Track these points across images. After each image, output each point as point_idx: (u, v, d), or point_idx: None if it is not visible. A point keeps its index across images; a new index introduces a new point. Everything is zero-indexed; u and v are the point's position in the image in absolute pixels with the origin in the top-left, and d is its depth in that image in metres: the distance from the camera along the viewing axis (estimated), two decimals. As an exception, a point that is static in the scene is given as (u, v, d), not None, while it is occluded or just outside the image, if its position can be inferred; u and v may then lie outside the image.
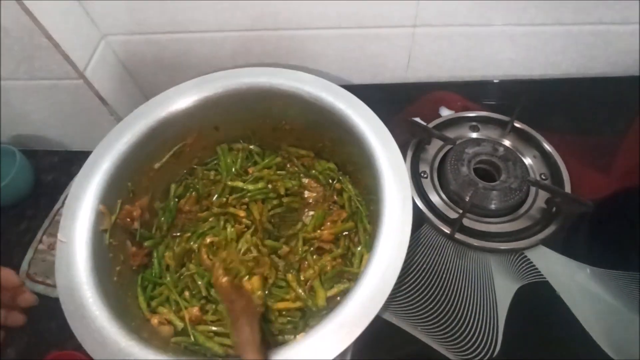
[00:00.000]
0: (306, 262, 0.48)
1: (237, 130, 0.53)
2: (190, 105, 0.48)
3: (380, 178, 0.40)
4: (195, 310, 0.42)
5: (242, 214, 0.50)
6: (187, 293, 0.45)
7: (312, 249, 0.49)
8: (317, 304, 0.43)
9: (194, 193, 0.54)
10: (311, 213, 0.52)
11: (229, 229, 0.49)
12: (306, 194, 0.54)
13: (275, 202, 0.53)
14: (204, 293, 0.45)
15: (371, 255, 0.36)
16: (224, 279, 0.36)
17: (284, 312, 0.43)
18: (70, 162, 0.72)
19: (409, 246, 0.36)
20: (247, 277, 0.36)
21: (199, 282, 0.45)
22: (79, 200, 0.40)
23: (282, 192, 0.52)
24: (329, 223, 0.49)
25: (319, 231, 0.48)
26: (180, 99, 0.48)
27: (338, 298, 0.44)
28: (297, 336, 0.33)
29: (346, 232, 0.50)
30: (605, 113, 0.63)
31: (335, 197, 0.52)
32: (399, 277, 0.35)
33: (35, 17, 0.50)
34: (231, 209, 0.51)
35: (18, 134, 0.71)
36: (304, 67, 0.68)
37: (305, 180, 0.55)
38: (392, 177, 0.39)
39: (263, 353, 0.33)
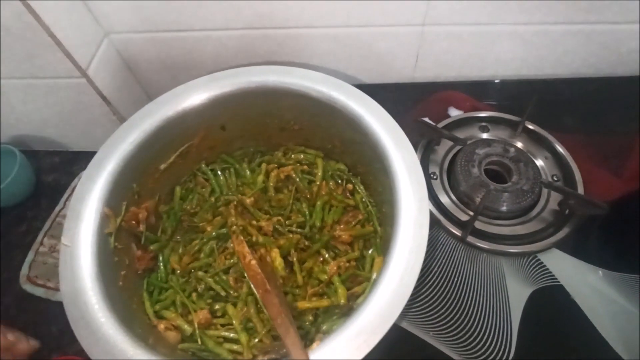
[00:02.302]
0: (321, 258, 0.47)
1: (244, 131, 0.52)
2: (198, 104, 0.46)
3: (394, 179, 0.38)
4: (204, 312, 0.41)
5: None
6: (194, 295, 0.44)
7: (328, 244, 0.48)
8: (339, 300, 0.41)
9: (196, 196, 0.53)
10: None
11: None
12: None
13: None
14: (218, 290, 0.44)
15: (387, 260, 0.35)
16: (253, 262, 0.38)
17: (294, 315, 0.42)
18: (71, 163, 0.72)
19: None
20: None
21: (209, 280, 0.45)
22: (84, 202, 0.39)
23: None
24: (342, 225, 0.48)
25: (338, 231, 0.47)
26: (188, 98, 0.46)
27: (349, 302, 0.43)
28: (313, 344, 0.32)
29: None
30: (618, 113, 0.62)
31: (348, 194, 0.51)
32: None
33: (37, 14, 0.49)
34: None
35: (19, 134, 0.70)
36: (310, 66, 0.67)
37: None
38: (408, 177, 0.38)
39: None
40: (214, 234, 0.48)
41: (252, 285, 0.39)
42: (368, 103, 0.44)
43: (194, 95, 0.46)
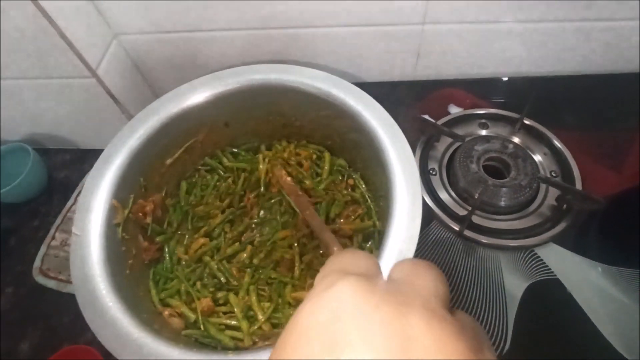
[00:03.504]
0: (321, 251, 0.48)
1: (247, 127, 0.54)
2: (202, 101, 0.48)
3: (390, 174, 0.40)
4: (207, 301, 0.43)
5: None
6: (198, 284, 0.46)
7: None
8: None
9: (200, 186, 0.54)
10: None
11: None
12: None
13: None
14: (222, 280, 0.45)
15: (381, 251, 0.36)
16: (288, 178, 0.47)
17: (293, 304, 0.43)
18: (82, 160, 0.73)
19: (418, 243, 0.36)
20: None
21: (214, 265, 0.46)
22: (93, 194, 0.41)
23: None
24: (342, 219, 0.49)
25: (339, 225, 0.48)
26: (192, 95, 0.48)
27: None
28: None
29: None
30: (617, 110, 0.63)
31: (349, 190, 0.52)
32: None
33: (50, 17, 0.51)
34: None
35: (32, 133, 0.72)
36: (313, 65, 0.68)
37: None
38: (402, 173, 0.39)
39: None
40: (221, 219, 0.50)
41: (285, 194, 0.48)
42: (365, 100, 0.45)
43: (198, 93, 0.48)
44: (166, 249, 0.48)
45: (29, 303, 0.58)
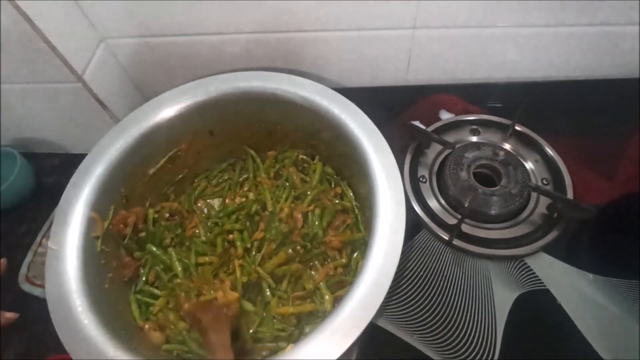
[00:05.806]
0: (310, 264, 0.47)
1: (232, 135, 0.53)
2: (185, 109, 0.47)
3: (373, 183, 0.39)
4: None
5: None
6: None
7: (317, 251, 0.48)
8: (325, 308, 0.42)
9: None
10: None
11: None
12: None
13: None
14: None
15: (364, 263, 0.36)
16: (186, 305, 0.40)
17: (278, 319, 0.43)
18: (71, 165, 0.70)
19: (406, 252, 0.35)
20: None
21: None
22: (71, 206, 0.40)
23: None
24: (332, 230, 0.48)
25: (328, 237, 0.47)
26: (175, 104, 0.47)
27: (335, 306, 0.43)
28: (287, 347, 0.33)
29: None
30: (610, 116, 0.62)
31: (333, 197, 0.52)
32: (395, 283, 0.34)
33: (32, 21, 0.50)
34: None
35: (19, 137, 0.71)
36: (303, 70, 0.68)
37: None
38: (386, 182, 0.38)
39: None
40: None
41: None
42: (349, 108, 0.44)
43: (180, 102, 0.47)
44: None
45: (14, 311, 0.57)
